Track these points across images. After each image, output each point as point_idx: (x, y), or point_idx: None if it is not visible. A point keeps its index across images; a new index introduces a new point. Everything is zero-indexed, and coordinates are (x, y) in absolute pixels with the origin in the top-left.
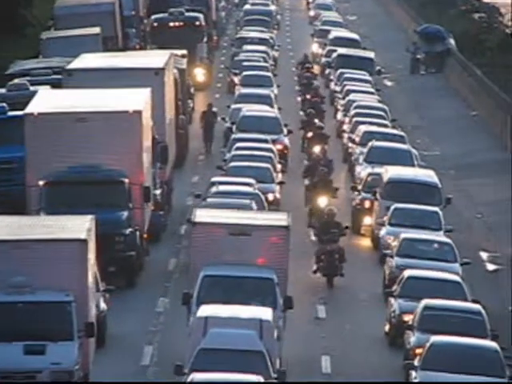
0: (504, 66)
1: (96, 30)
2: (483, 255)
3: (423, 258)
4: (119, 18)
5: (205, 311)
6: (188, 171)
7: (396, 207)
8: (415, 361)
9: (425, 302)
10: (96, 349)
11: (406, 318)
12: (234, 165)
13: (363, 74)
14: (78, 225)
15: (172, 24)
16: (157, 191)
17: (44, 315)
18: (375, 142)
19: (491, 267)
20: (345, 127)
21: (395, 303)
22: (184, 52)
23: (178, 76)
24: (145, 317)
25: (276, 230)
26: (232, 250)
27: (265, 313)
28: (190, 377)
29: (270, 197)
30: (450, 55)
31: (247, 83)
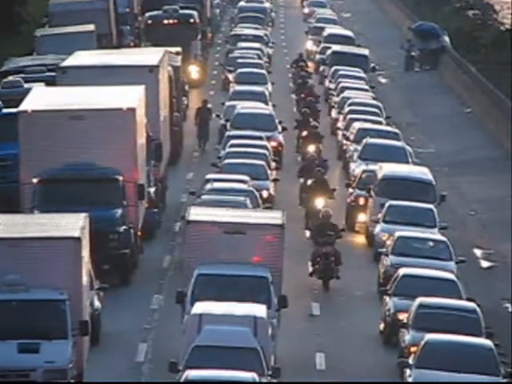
0: (498, 63)
1: (90, 28)
2: (477, 252)
3: (418, 256)
4: (113, 16)
5: (199, 308)
6: (182, 168)
7: (390, 204)
8: (410, 359)
9: (419, 300)
10: (90, 347)
11: (401, 317)
12: (229, 162)
13: (357, 71)
14: (72, 223)
15: (166, 21)
16: (151, 189)
17: (38, 313)
18: (369, 139)
19: (485, 264)
20: (339, 124)
21: (390, 301)
22: (178, 49)
23: (173, 73)
24: (139, 314)
25: (271, 229)
26: (227, 249)
27: (259, 310)
28: (185, 374)
29: (265, 194)
30: (445, 52)
31: (241, 80)
